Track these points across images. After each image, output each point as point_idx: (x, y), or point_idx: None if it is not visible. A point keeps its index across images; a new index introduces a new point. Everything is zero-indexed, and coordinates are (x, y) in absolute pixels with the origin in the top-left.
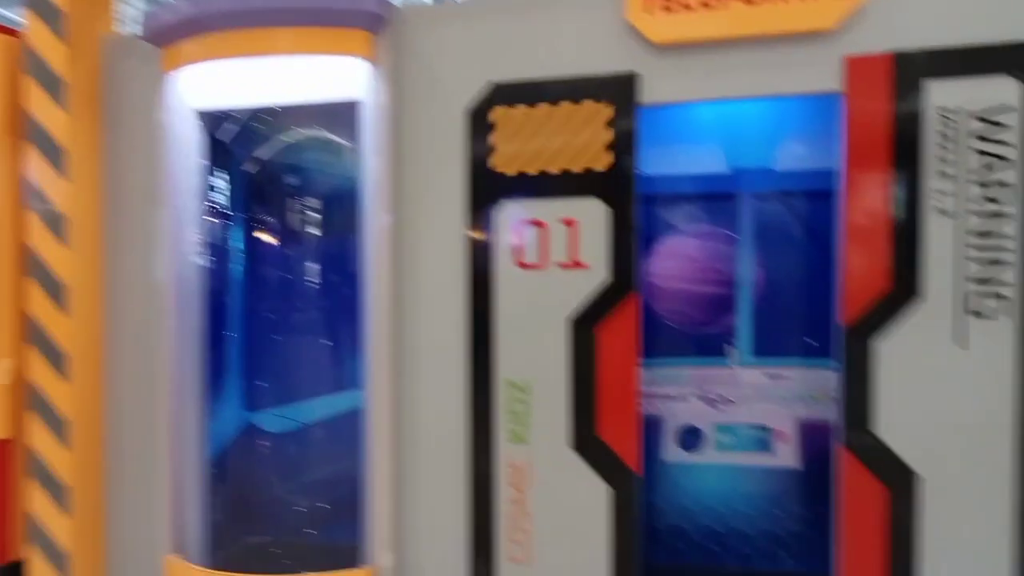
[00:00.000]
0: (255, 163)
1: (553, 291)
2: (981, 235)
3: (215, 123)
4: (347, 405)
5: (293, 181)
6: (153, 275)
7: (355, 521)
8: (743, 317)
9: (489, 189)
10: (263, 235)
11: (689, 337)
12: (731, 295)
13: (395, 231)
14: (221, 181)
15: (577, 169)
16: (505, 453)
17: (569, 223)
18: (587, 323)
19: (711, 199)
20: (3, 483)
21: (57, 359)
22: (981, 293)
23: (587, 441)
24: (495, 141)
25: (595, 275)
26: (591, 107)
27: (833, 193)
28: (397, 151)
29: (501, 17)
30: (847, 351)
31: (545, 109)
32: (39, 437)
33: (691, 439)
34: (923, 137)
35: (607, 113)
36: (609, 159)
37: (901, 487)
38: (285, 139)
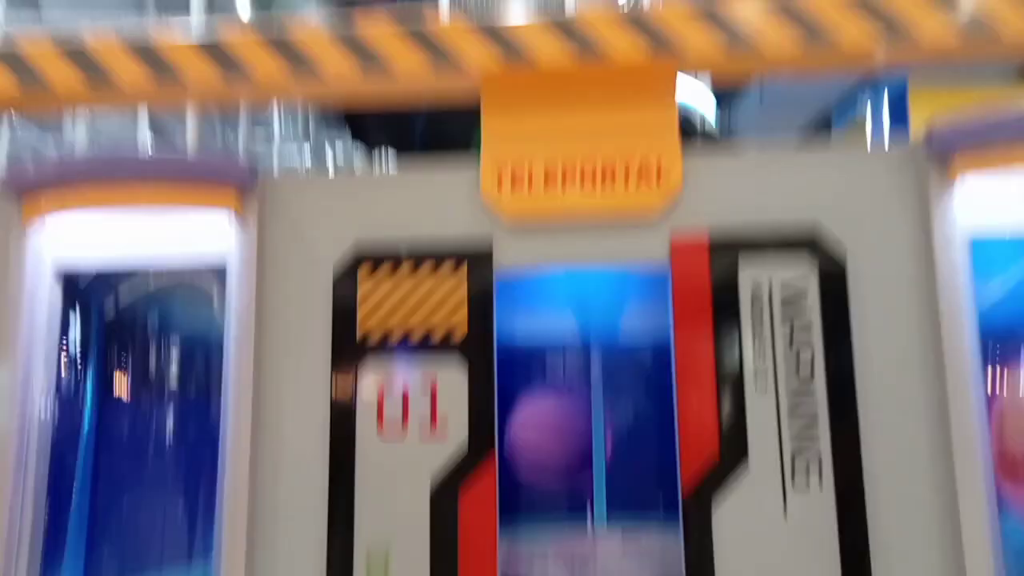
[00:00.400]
0: (114, 313)
1: (413, 457)
2: (795, 402)
3: (74, 275)
4: None
5: (153, 334)
6: None
7: None
8: (598, 476)
9: (352, 350)
10: (118, 389)
11: (547, 497)
12: (588, 455)
13: (256, 391)
14: (75, 332)
15: (437, 332)
16: None
17: (430, 385)
18: (447, 488)
19: (567, 360)
20: None
21: None
22: (799, 461)
23: None
24: (359, 301)
25: (454, 438)
26: (450, 270)
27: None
28: (261, 308)
29: (369, 186)
30: (684, 519)
31: (407, 271)
32: None
33: None
34: (739, 304)
35: (464, 277)
36: (467, 322)
37: None
38: (147, 291)
